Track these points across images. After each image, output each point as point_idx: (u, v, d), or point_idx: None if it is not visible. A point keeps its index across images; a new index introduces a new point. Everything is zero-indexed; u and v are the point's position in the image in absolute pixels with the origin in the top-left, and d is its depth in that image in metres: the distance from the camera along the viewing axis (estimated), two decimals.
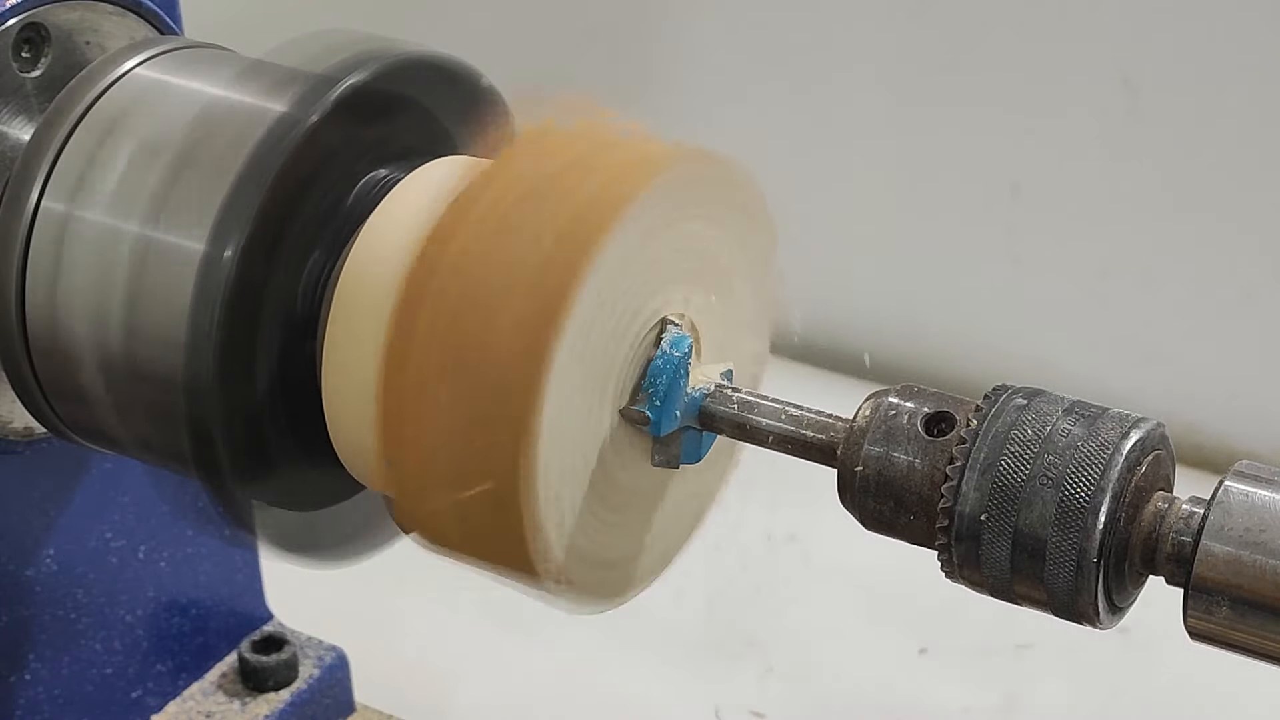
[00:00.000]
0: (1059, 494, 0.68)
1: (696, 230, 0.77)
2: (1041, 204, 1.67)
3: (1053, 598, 0.70)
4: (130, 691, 1.12)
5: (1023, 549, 0.69)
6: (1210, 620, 0.67)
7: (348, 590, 1.24)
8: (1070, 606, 0.70)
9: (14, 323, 0.84)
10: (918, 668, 1.40)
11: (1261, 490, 0.67)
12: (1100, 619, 0.70)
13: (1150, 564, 0.69)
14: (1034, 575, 0.69)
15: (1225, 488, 0.67)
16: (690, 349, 0.77)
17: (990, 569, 0.70)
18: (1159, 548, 0.69)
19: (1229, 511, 0.67)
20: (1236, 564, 0.66)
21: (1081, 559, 0.68)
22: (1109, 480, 0.68)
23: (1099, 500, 0.68)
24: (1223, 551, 0.66)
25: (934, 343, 1.68)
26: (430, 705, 1.34)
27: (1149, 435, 0.70)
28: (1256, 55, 1.52)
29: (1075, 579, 0.68)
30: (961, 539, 0.70)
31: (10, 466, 0.98)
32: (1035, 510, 0.68)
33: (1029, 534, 0.69)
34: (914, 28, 1.66)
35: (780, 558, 1.47)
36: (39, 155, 0.84)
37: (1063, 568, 0.68)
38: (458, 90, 0.85)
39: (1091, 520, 0.68)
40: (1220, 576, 0.66)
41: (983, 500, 0.69)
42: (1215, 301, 1.63)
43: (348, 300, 0.78)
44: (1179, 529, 0.69)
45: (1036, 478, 0.68)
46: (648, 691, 1.37)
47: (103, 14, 0.92)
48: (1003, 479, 0.69)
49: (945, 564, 0.72)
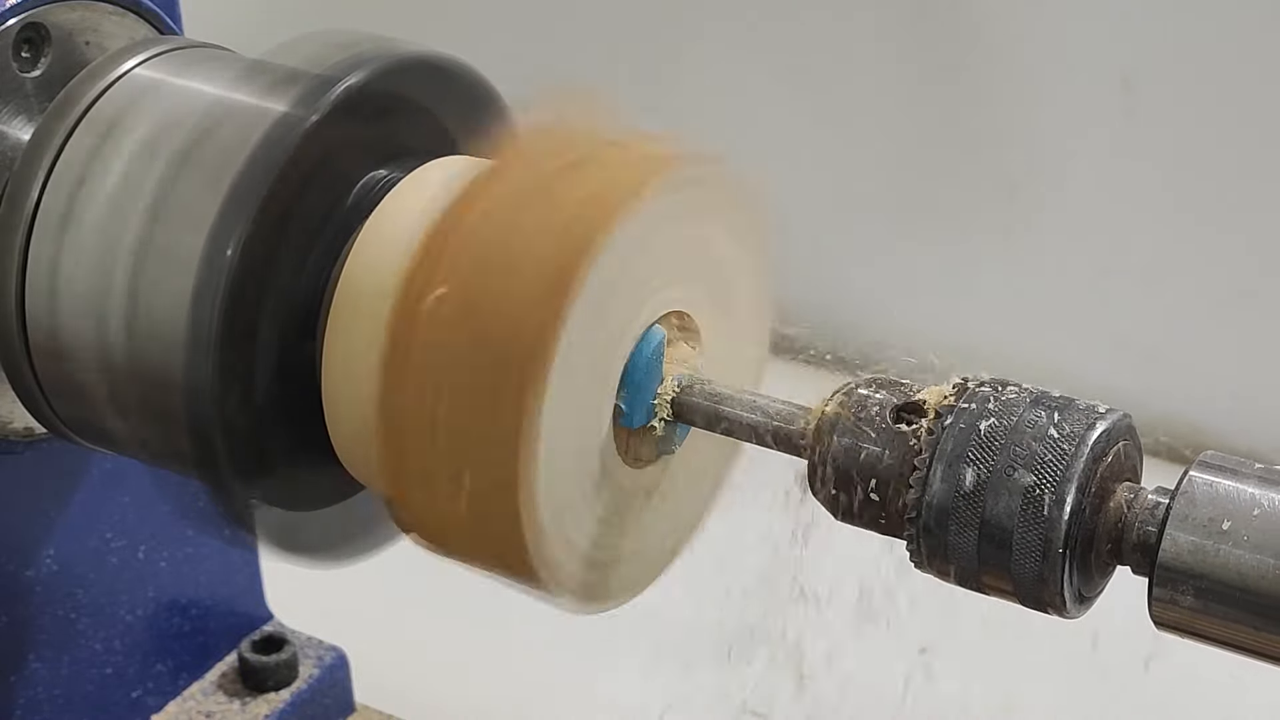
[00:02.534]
0: (1025, 485, 0.68)
1: (696, 230, 0.78)
2: (1041, 204, 1.67)
3: (1019, 587, 0.70)
4: (130, 691, 1.12)
5: (989, 539, 0.69)
6: (1175, 609, 0.68)
7: (348, 590, 1.24)
8: (1036, 596, 0.70)
9: (14, 323, 0.84)
10: (918, 668, 1.40)
11: (1225, 480, 0.67)
12: (1067, 608, 0.70)
13: (1116, 554, 0.70)
14: (1000, 565, 0.70)
15: (1190, 478, 0.68)
16: (662, 343, 0.77)
17: (957, 559, 0.71)
18: (1125, 537, 0.69)
19: (1193, 501, 0.67)
20: (1200, 553, 0.66)
21: (1047, 549, 0.68)
22: (1074, 471, 0.68)
23: (1064, 491, 0.68)
24: (1187, 541, 0.67)
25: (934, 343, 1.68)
26: (430, 705, 1.34)
27: (1114, 427, 0.70)
28: (1256, 55, 1.52)
29: (1041, 569, 0.69)
30: (929, 530, 0.71)
31: (10, 466, 0.98)
32: (1001, 501, 0.69)
33: (995, 524, 0.69)
34: (914, 28, 1.66)
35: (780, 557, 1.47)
36: (39, 155, 0.83)
37: (1028, 558, 0.69)
38: (458, 90, 0.85)
39: (1056, 511, 0.68)
40: (1184, 565, 0.67)
41: (950, 491, 0.70)
42: (1215, 301, 1.63)
43: (348, 300, 0.78)
44: (1144, 519, 0.69)
45: (1003, 468, 0.69)
46: (647, 691, 1.37)
47: (103, 14, 0.92)
48: (970, 470, 0.69)
49: (914, 554, 0.72)
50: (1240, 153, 1.56)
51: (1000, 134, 1.66)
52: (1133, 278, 1.65)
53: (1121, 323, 1.67)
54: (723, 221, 0.79)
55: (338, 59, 0.81)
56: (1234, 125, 1.56)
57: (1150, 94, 1.57)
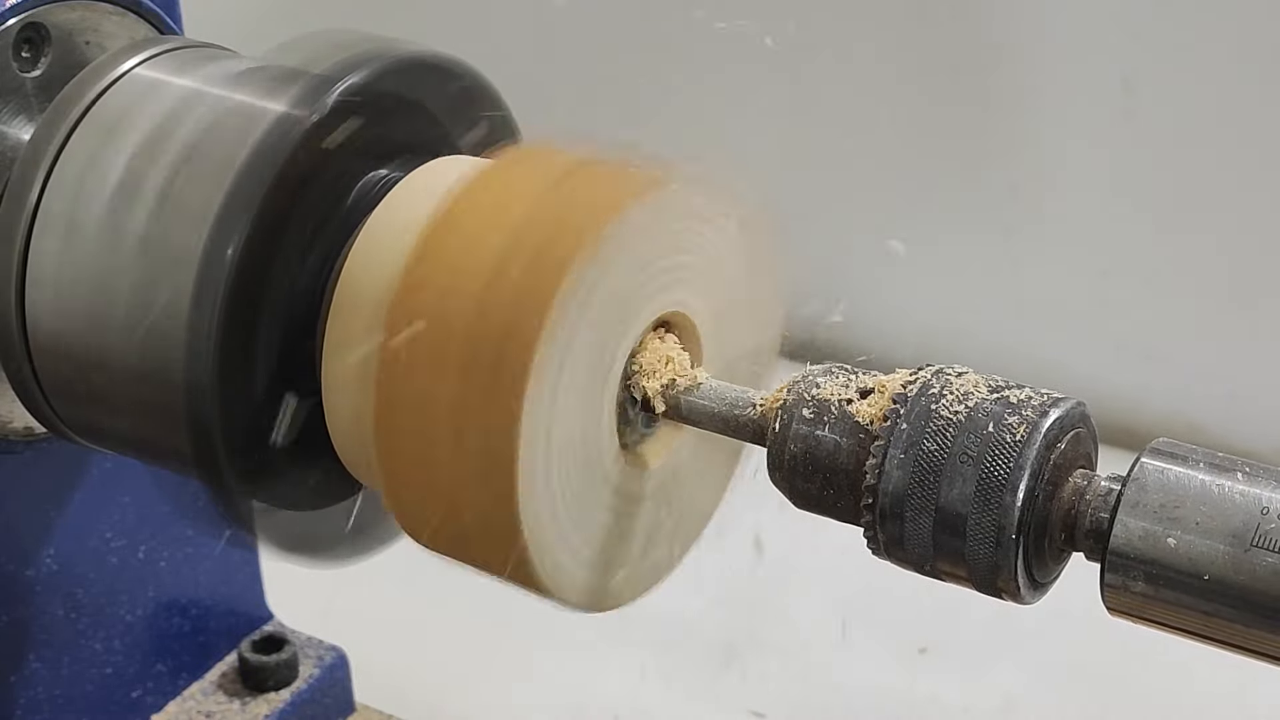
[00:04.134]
0: (979, 471, 0.69)
1: (692, 234, 0.77)
2: (1041, 204, 1.67)
3: (974, 574, 0.71)
4: (130, 691, 1.12)
5: (944, 526, 0.70)
6: (1126, 595, 0.68)
7: (348, 590, 1.24)
8: (991, 582, 0.70)
9: (14, 322, 0.84)
10: (918, 668, 1.40)
11: (1176, 467, 0.68)
12: (1021, 594, 0.71)
13: (1070, 540, 0.70)
14: (955, 552, 0.70)
15: (1141, 464, 0.68)
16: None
17: (914, 546, 0.71)
18: (1078, 524, 0.70)
19: (1144, 488, 0.67)
20: (1151, 539, 0.67)
21: (1000, 535, 0.69)
22: (1027, 458, 0.69)
23: (1017, 477, 0.68)
24: (1138, 526, 0.67)
25: (934, 343, 1.68)
26: (430, 705, 1.34)
27: (1068, 414, 0.70)
28: (1256, 55, 1.52)
29: (995, 555, 0.69)
30: (886, 516, 0.71)
31: (10, 466, 0.98)
32: (956, 487, 0.69)
33: (950, 511, 0.69)
34: (914, 28, 1.66)
35: (780, 557, 1.47)
36: (39, 155, 0.83)
37: (982, 544, 0.69)
38: (458, 90, 0.85)
39: (1010, 497, 0.68)
40: (1135, 551, 0.67)
41: (906, 478, 0.70)
42: (1215, 301, 1.63)
43: (348, 300, 0.78)
44: (1097, 505, 0.69)
45: (957, 455, 0.69)
46: (647, 691, 1.37)
47: (103, 14, 0.92)
48: (925, 457, 0.70)
49: (871, 541, 0.73)
50: (1240, 153, 1.56)
51: (1001, 134, 1.66)
52: (1133, 278, 1.65)
53: (1121, 323, 1.67)
54: (718, 225, 0.79)
55: (337, 59, 0.81)
56: (1234, 125, 1.56)
57: (1150, 95, 1.57)
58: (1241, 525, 0.66)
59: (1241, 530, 0.66)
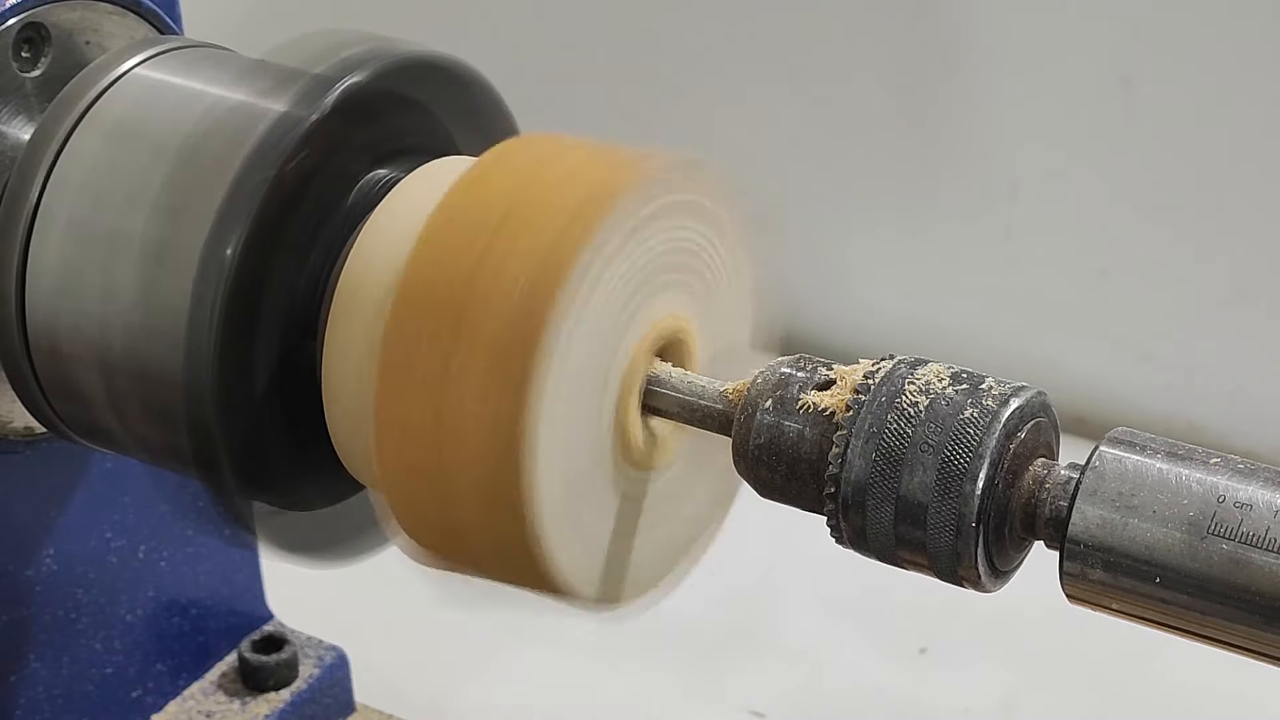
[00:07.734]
0: (939, 460, 0.69)
1: (683, 235, 0.77)
2: (1041, 204, 1.67)
3: (935, 562, 0.71)
4: (130, 691, 1.12)
5: (905, 515, 0.70)
6: (1084, 583, 0.69)
7: (348, 590, 1.24)
8: (952, 571, 0.71)
9: (14, 322, 0.84)
10: (918, 668, 1.40)
11: (1134, 455, 0.68)
12: (982, 582, 0.71)
13: (1030, 528, 0.71)
14: (916, 541, 0.71)
15: (1100, 453, 0.69)
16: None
17: (876, 535, 0.72)
18: (1037, 512, 0.70)
19: (1102, 476, 0.68)
20: (1109, 526, 0.67)
21: (960, 524, 0.69)
22: (986, 447, 0.69)
23: (977, 466, 0.69)
24: (1096, 515, 0.68)
25: (932, 342, 1.68)
26: (430, 705, 1.34)
27: (1028, 403, 0.71)
28: (1256, 55, 1.52)
29: (955, 543, 0.70)
30: (848, 506, 0.72)
31: (10, 466, 0.98)
32: (917, 477, 0.70)
33: (911, 500, 0.70)
34: (914, 27, 1.66)
35: (781, 557, 1.47)
36: (39, 155, 0.84)
37: (943, 533, 0.70)
38: (458, 90, 0.86)
39: (970, 486, 0.69)
40: (1093, 539, 0.68)
41: (868, 467, 0.71)
42: (1215, 301, 1.63)
43: (348, 300, 0.78)
44: (1056, 494, 0.70)
45: (919, 444, 0.70)
46: (647, 691, 1.37)
47: (103, 14, 0.92)
48: (886, 446, 0.70)
49: (834, 530, 0.73)
50: (1240, 153, 1.56)
51: (1000, 133, 1.66)
52: (1132, 278, 1.65)
53: (1121, 323, 1.67)
54: (710, 223, 0.79)
55: (338, 59, 0.81)
56: (1233, 125, 1.56)
57: (1150, 94, 1.57)
58: (1198, 513, 0.66)
59: (1198, 518, 0.66)
